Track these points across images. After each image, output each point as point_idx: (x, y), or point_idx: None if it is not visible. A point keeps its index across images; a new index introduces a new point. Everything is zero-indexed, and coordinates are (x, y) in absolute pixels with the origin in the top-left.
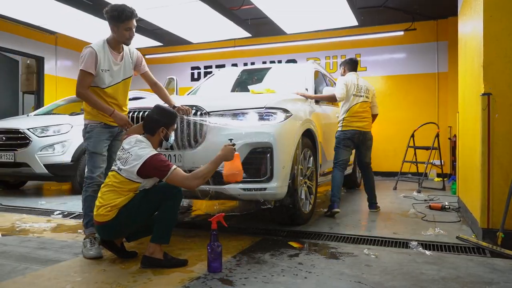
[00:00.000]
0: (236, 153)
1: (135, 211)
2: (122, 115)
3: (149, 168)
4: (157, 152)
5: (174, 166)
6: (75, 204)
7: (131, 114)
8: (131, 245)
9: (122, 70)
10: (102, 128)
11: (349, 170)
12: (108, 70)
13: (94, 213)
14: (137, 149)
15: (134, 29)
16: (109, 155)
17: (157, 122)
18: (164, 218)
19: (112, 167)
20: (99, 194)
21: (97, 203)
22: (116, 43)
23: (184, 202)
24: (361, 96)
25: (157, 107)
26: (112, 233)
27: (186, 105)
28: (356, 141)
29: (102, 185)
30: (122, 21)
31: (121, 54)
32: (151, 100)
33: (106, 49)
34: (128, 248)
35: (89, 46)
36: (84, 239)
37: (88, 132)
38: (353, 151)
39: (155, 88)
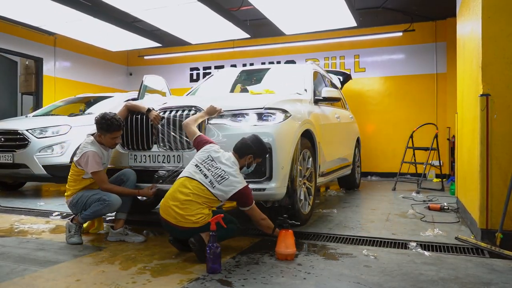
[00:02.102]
0: (290, 230)
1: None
2: (144, 190)
3: (242, 194)
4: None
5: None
6: None
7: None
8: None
9: (107, 157)
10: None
11: (348, 170)
12: (104, 163)
13: (178, 219)
14: (233, 171)
15: (120, 137)
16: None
17: (249, 148)
18: (229, 231)
19: (196, 176)
20: (181, 202)
21: (180, 211)
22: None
23: None
24: None
25: (257, 136)
26: (189, 235)
27: (186, 105)
28: None
29: (180, 189)
30: (110, 132)
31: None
32: (150, 101)
33: (99, 147)
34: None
35: (89, 150)
36: (72, 221)
37: (76, 201)
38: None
39: None
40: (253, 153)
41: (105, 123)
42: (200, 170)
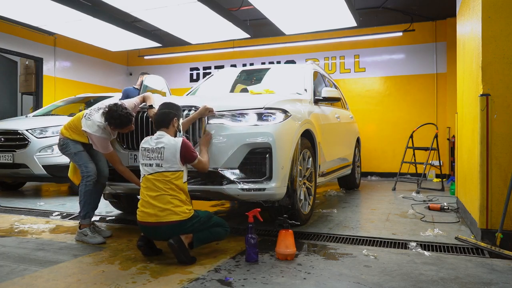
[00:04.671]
0: (290, 230)
1: (205, 222)
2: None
3: (186, 150)
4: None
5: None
6: (74, 205)
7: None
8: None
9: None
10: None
11: (347, 170)
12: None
13: (159, 214)
14: (166, 139)
15: (133, 125)
16: (94, 161)
17: (169, 115)
18: (215, 234)
19: (146, 172)
20: (147, 199)
21: (157, 203)
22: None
23: None
24: None
25: (164, 103)
26: (179, 231)
27: (186, 105)
28: None
29: (146, 191)
30: (122, 128)
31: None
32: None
33: (109, 132)
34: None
35: (99, 136)
36: (81, 228)
37: (62, 144)
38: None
39: None
40: (175, 115)
41: (114, 122)
42: (145, 165)
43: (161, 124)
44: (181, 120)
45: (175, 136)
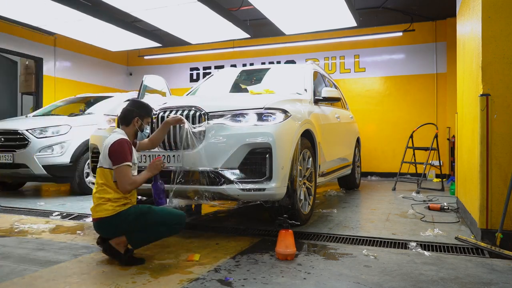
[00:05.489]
0: (290, 230)
1: (134, 220)
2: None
3: (112, 151)
4: (126, 139)
5: (129, 163)
6: (74, 205)
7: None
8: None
9: None
10: None
11: (347, 170)
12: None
13: (92, 210)
14: (109, 137)
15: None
16: None
17: (131, 113)
18: (153, 234)
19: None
20: (93, 194)
21: (93, 202)
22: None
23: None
24: None
25: (132, 99)
26: (110, 229)
27: (186, 105)
28: None
29: (95, 186)
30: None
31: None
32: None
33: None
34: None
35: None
36: None
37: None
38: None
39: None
40: (138, 115)
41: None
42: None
43: (121, 120)
44: (148, 119)
45: (135, 135)
